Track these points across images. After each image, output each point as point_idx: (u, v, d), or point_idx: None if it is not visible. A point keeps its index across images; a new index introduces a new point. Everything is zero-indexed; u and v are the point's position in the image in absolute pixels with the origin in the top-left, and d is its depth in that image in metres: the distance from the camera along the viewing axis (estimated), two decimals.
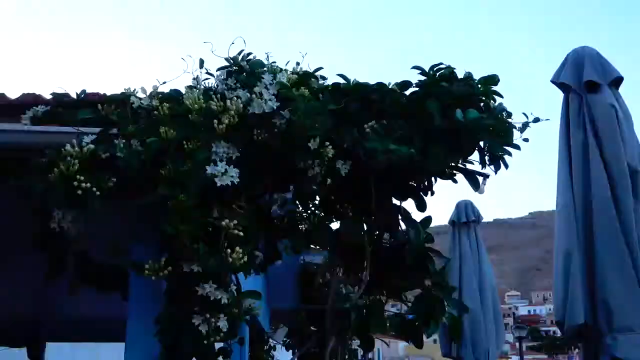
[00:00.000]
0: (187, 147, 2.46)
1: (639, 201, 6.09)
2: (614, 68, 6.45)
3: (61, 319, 7.17)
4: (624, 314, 5.84)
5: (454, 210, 10.36)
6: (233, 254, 2.37)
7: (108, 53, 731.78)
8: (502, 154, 2.61)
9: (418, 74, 2.69)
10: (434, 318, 2.63)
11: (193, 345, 2.45)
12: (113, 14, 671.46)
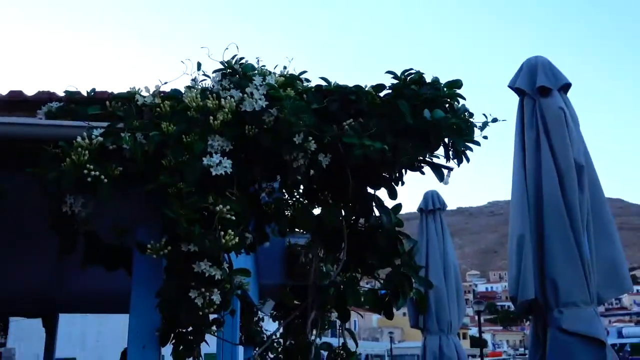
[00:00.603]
0: (185, 140, 2.46)
1: (583, 192, 6.16)
2: (563, 75, 6.50)
3: (72, 293, 7.13)
4: (569, 290, 5.92)
5: (422, 199, 10.42)
6: (226, 236, 2.37)
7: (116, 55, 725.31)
8: (464, 149, 2.63)
9: (391, 77, 2.70)
10: (403, 293, 2.65)
11: (190, 316, 2.45)
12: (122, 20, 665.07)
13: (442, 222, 10.29)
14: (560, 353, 5.79)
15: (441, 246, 10.12)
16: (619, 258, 6.19)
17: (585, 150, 6.32)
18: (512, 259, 6.28)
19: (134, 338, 2.71)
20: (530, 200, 6.18)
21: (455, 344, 9.88)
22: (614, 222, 6.57)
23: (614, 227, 6.31)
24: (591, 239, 6.03)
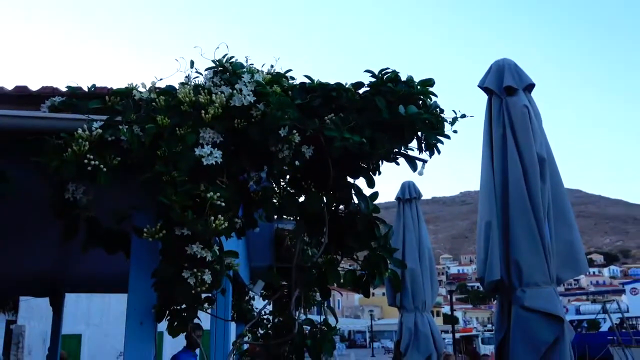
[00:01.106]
0: (179, 133, 2.44)
1: (545, 183, 6.20)
2: (528, 76, 6.52)
3: (77, 275, 7.09)
4: (531, 272, 5.96)
5: (399, 189, 10.45)
6: (216, 221, 2.36)
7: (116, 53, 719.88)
8: (435, 142, 2.63)
9: (369, 76, 2.69)
10: (379, 273, 2.65)
11: (183, 294, 2.44)
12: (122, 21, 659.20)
13: (418, 210, 10.33)
14: (523, 328, 5.85)
15: (417, 232, 10.16)
16: (576, 243, 6.24)
17: (547, 144, 6.35)
18: (480, 244, 6.31)
19: (133, 314, 2.69)
20: (497, 190, 6.21)
21: (429, 320, 9.94)
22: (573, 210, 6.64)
23: (572, 214, 6.36)
24: (551, 225, 6.08)
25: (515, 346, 5.79)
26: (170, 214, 2.35)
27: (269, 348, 2.74)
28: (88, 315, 16.98)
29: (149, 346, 2.66)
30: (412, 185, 10.34)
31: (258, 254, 7.18)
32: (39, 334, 16.26)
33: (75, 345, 16.55)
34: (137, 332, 2.67)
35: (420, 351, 9.63)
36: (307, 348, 2.61)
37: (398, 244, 9.86)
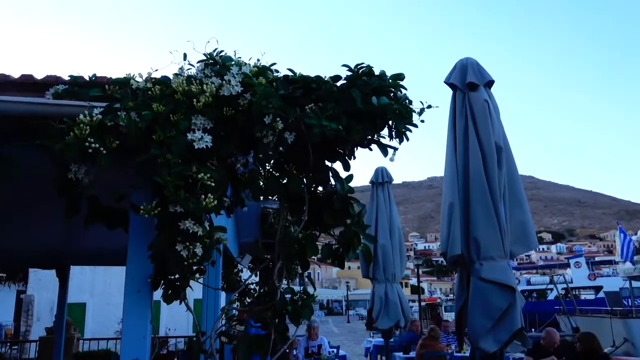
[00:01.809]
0: (173, 119, 2.40)
1: (501, 169, 6.26)
2: (488, 73, 6.55)
3: (81, 249, 7.02)
4: (488, 247, 6.04)
5: (373, 174, 10.50)
6: (206, 199, 2.33)
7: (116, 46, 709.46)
8: (404, 130, 2.62)
9: (346, 70, 2.67)
10: (353, 247, 2.66)
11: (177, 265, 2.42)
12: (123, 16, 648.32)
13: (390, 193, 10.40)
14: (480, 297, 5.94)
15: (388, 212, 10.23)
16: (528, 222, 6.33)
17: (504, 135, 6.40)
18: (444, 223, 6.38)
19: (131, 284, 2.66)
20: (459, 175, 6.26)
21: (398, 290, 10.05)
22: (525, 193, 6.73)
23: (525, 197, 6.44)
24: (506, 207, 6.16)
25: (473, 312, 5.88)
26: (164, 192, 2.32)
27: (254, 314, 2.73)
28: (92, 286, 16.86)
29: (145, 312, 2.64)
30: (385, 171, 10.40)
31: (246, 230, 7.16)
32: (46, 303, 16.14)
33: (80, 313, 16.45)
34: (135, 299, 2.65)
35: (389, 317, 9.75)
36: (288, 313, 2.62)
37: (371, 222, 9.92)
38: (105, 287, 16.82)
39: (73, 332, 9.76)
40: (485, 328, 5.72)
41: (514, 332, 5.75)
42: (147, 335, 2.64)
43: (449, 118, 6.52)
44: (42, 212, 4.94)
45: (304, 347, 8.48)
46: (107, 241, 5.47)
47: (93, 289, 16.89)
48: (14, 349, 14.95)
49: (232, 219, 6.92)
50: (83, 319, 16.68)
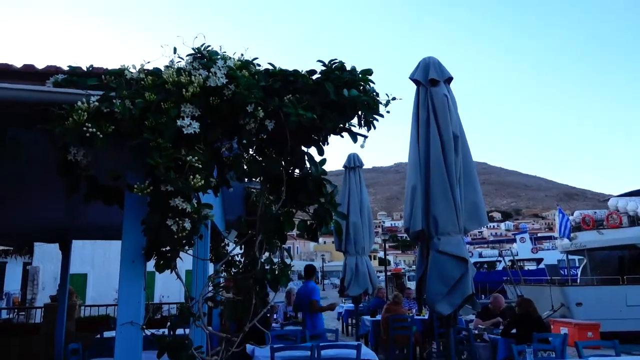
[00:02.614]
0: (163, 107, 2.36)
1: (457, 155, 6.34)
2: (447, 71, 6.59)
3: (82, 224, 6.90)
4: (445, 224, 6.14)
5: (346, 159, 10.52)
6: (194, 179, 2.31)
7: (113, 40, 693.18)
8: (372, 120, 2.62)
9: (321, 65, 2.65)
10: (325, 223, 2.67)
11: (167, 238, 2.40)
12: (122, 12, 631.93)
13: (360, 176, 10.46)
14: (437, 267, 6.05)
15: (359, 193, 10.30)
16: (480, 203, 6.45)
17: (460, 125, 6.47)
18: (407, 202, 6.45)
19: (126, 255, 2.64)
20: (421, 161, 6.33)
21: (367, 262, 10.17)
22: (479, 177, 6.84)
23: (478, 181, 6.55)
24: (461, 189, 6.26)
25: (431, 280, 6.00)
26: (156, 173, 2.29)
27: (238, 281, 2.73)
28: (92, 258, 16.64)
29: (139, 280, 2.62)
30: (356, 156, 10.44)
31: (232, 208, 7.15)
32: (51, 274, 15.90)
33: (82, 283, 16.25)
34: (130, 269, 2.62)
35: (359, 285, 9.88)
36: (267, 281, 2.63)
37: (344, 202, 9.99)
38: (105, 259, 16.60)
39: (75, 299, 9.63)
40: (441, 294, 5.85)
41: (466, 298, 5.89)
42: (141, 301, 2.63)
43: (412, 110, 6.57)
44: (46, 191, 4.84)
45: (283, 312, 8.54)
46: (106, 217, 5.39)
47: (93, 261, 16.67)
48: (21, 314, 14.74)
49: (219, 198, 6.88)
50: (84, 288, 16.49)
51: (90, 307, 12.01)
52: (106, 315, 10.29)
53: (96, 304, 12.04)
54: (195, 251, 5.03)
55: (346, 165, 10.33)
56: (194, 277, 5.12)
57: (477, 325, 7.45)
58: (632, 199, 22.55)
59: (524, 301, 6.66)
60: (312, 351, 4.81)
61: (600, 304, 18.32)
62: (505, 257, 32.30)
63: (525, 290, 20.20)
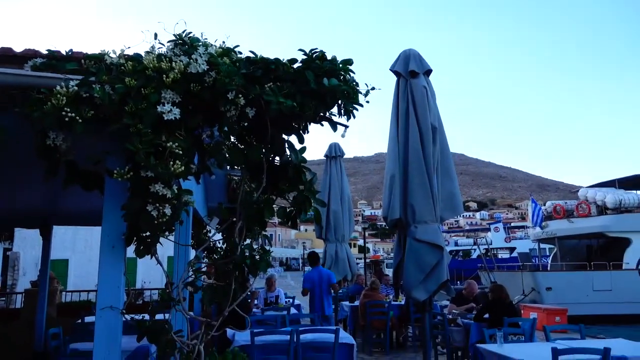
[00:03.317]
0: (144, 92, 2.31)
1: (435, 146, 6.38)
2: (427, 63, 6.61)
3: (63, 210, 6.77)
4: (422, 212, 6.20)
5: (327, 149, 10.52)
6: (174, 165, 2.28)
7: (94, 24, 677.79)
8: (351, 109, 2.61)
9: (302, 54, 2.63)
10: (304, 209, 2.66)
11: (147, 224, 2.37)
12: None
13: (341, 165, 10.48)
14: (414, 254, 6.12)
15: (340, 182, 10.32)
16: (456, 192, 6.53)
17: (439, 117, 6.51)
18: (385, 191, 6.49)
19: (106, 240, 2.60)
20: (400, 151, 6.37)
21: (346, 249, 10.23)
22: (456, 168, 6.91)
23: (454, 171, 6.61)
24: (439, 178, 6.32)
25: (407, 267, 6.07)
26: (136, 158, 2.25)
27: (218, 267, 2.72)
28: (74, 244, 16.39)
29: (119, 265, 2.58)
30: (337, 146, 10.45)
31: (214, 196, 7.09)
32: (31, 259, 15.62)
33: (63, 268, 16.01)
34: (110, 254, 2.59)
35: (339, 272, 9.94)
36: (247, 266, 2.62)
37: (325, 190, 10.01)
38: (87, 245, 16.36)
39: (56, 284, 9.49)
40: (418, 280, 5.93)
41: (441, 284, 5.98)
42: (121, 286, 2.60)
43: (392, 101, 6.58)
44: (27, 176, 4.72)
45: (263, 298, 8.55)
46: (87, 203, 5.30)
47: (75, 247, 16.41)
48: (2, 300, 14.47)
49: (201, 186, 6.81)
50: (66, 273, 16.25)
51: (71, 293, 11.84)
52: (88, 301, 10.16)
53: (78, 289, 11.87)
54: (177, 237, 4.99)
55: (327, 154, 10.33)
56: (176, 263, 5.09)
57: (452, 311, 7.58)
58: (601, 190, 23.13)
59: (496, 287, 6.80)
60: (291, 335, 4.84)
61: (569, 289, 18.85)
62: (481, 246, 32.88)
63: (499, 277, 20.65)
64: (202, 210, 6.69)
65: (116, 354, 2.52)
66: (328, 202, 9.96)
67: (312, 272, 8.19)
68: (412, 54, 6.41)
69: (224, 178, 6.59)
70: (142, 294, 10.37)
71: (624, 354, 4.16)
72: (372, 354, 8.57)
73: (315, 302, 7.82)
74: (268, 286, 8.65)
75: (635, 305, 19.01)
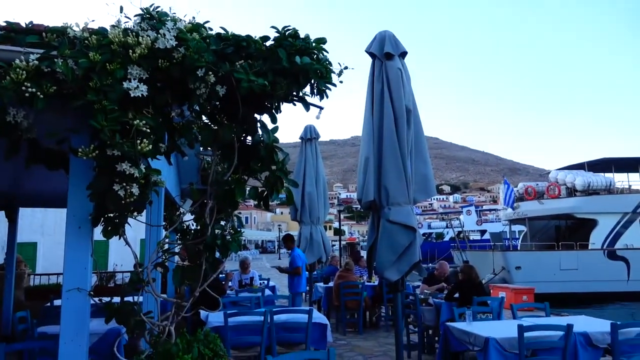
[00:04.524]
0: (109, 68, 2.23)
1: (410, 129, 6.41)
2: (402, 45, 6.59)
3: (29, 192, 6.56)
4: (395, 195, 6.24)
5: (302, 131, 10.46)
6: (142, 144, 2.22)
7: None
8: (324, 89, 2.58)
9: (274, 32, 2.58)
10: (276, 190, 2.64)
11: (114, 203, 2.31)
12: None
13: (317, 148, 10.45)
14: (387, 235, 6.18)
15: (315, 164, 10.30)
16: (429, 175, 6.58)
17: (413, 100, 6.53)
18: (360, 173, 6.51)
19: (72, 221, 2.53)
20: (374, 133, 6.37)
21: (321, 231, 10.27)
22: (431, 152, 6.97)
23: (428, 154, 6.66)
24: (412, 161, 6.36)
25: (381, 248, 6.13)
26: (101, 136, 2.18)
27: (188, 247, 2.68)
28: (42, 227, 15.96)
29: (86, 246, 2.53)
30: (312, 128, 10.41)
31: (187, 178, 7.01)
32: None
33: (32, 252, 15.61)
34: (76, 235, 2.53)
35: (313, 254, 10.00)
36: (217, 247, 2.60)
37: (300, 172, 9.99)
38: (56, 227, 15.96)
39: (24, 268, 9.26)
40: (390, 261, 6.00)
41: (413, 265, 6.08)
42: (88, 267, 2.54)
43: (368, 83, 6.55)
44: None
45: (237, 280, 8.55)
46: (54, 184, 5.15)
47: (44, 230, 15.99)
48: None
49: (174, 167, 6.70)
50: (35, 257, 15.85)
51: (40, 276, 11.58)
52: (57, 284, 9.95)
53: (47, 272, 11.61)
54: (148, 219, 4.91)
55: (302, 136, 10.28)
56: (147, 245, 5.02)
57: (423, 291, 7.73)
58: (571, 172, 23.79)
59: (466, 267, 6.95)
60: (265, 316, 4.85)
61: (537, 268, 19.49)
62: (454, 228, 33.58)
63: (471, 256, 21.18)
64: (174, 192, 6.59)
65: (84, 336, 2.47)
66: (303, 184, 9.95)
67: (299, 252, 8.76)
68: (387, 36, 6.37)
69: (197, 159, 6.50)
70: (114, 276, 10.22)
71: (585, 329, 4.33)
72: (346, 333, 8.70)
73: (302, 281, 8.57)
74: (242, 269, 8.65)
75: (599, 284, 19.82)
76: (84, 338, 2.48)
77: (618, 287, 20.16)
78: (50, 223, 16.00)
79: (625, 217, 21.66)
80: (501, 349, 4.02)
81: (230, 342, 4.80)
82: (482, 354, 4.03)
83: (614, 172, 23.66)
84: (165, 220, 6.36)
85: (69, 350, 2.44)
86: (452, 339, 4.62)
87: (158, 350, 2.47)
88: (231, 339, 4.81)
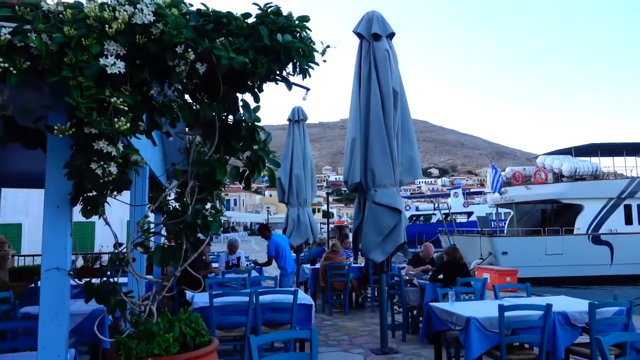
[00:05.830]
0: (85, 43, 2.17)
1: (396, 111, 6.40)
2: (390, 26, 6.54)
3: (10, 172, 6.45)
4: (381, 177, 6.27)
5: (290, 112, 10.40)
6: (119, 122, 2.18)
7: None
8: (306, 67, 2.55)
9: (256, 8, 2.53)
10: (258, 169, 2.62)
11: (92, 183, 2.28)
12: None
13: (304, 130, 10.41)
14: (373, 217, 6.21)
15: (303, 146, 10.27)
16: (415, 157, 6.60)
17: (400, 81, 6.50)
18: (347, 155, 6.51)
19: (50, 200, 2.50)
20: (361, 114, 6.35)
21: (308, 213, 10.29)
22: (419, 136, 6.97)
23: (414, 136, 6.67)
24: (399, 143, 6.37)
25: (367, 229, 6.17)
26: (77, 114, 2.13)
27: (169, 227, 2.67)
28: (27, 207, 15.78)
29: (65, 226, 2.50)
30: (300, 110, 10.35)
31: (173, 158, 6.93)
32: None
33: (16, 233, 15.46)
34: (54, 214, 2.50)
35: (300, 236, 10.04)
36: (198, 226, 2.58)
37: (287, 154, 9.96)
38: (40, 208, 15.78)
39: (7, 249, 9.17)
40: (376, 243, 6.06)
41: (398, 246, 6.14)
42: (67, 247, 2.52)
43: (355, 64, 6.51)
44: None
45: (224, 261, 8.57)
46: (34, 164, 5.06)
47: (28, 211, 15.82)
48: None
49: (159, 149, 6.63)
50: (19, 238, 15.71)
51: (24, 257, 11.49)
52: None
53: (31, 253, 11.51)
54: (133, 199, 4.87)
55: (290, 118, 10.22)
56: (132, 225, 4.98)
57: (408, 272, 7.82)
58: (558, 157, 24.01)
59: (451, 249, 7.03)
60: (250, 296, 4.87)
61: (523, 253, 19.81)
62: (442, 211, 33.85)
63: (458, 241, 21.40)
64: (160, 173, 6.53)
65: (64, 316, 2.46)
66: (290, 166, 9.92)
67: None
68: (375, 16, 6.31)
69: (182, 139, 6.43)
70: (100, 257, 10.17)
71: (564, 309, 4.43)
72: (332, 314, 8.80)
73: (288, 261, 9.08)
74: (229, 250, 8.67)
75: (583, 268, 20.23)
76: (64, 318, 2.46)
77: (601, 270, 20.61)
78: (35, 204, 15.83)
79: (610, 202, 22.01)
80: (482, 328, 4.10)
81: (216, 322, 4.82)
82: (464, 333, 4.10)
83: (600, 156, 23.94)
84: (150, 201, 6.31)
85: (49, 330, 2.43)
86: (435, 319, 4.70)
87: (139, 329, 2.48)
88: (216, 319, 4.83)
